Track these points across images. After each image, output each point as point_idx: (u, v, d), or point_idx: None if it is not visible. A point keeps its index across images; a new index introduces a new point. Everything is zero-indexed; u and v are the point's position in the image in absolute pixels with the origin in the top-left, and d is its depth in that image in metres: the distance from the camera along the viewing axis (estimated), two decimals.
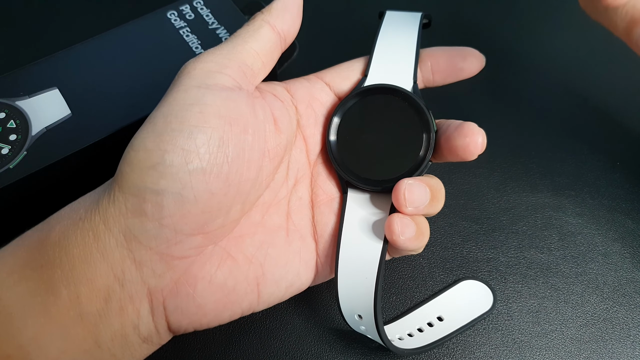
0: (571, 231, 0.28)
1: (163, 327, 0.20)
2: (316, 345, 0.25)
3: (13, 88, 0.27)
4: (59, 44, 0.30)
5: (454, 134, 0.22)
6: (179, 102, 0.20)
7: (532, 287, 0.27)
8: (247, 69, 0.22)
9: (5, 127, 0.26)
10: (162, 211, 0.19)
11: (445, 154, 0.23)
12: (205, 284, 0.20)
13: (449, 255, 0.28)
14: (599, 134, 0.32)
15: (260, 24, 0.23)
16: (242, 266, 0.21)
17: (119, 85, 0.28)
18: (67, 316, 0.18)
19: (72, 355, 0.18)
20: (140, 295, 0.19)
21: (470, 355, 0.25)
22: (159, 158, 0.19)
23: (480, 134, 0.22)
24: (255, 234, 0.22)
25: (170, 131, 0.19)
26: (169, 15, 0.31)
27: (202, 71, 0.21)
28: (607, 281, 0.27)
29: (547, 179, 0.30)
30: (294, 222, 0.24)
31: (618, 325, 0.26)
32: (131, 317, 0.19)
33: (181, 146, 0.19)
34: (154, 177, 0.19)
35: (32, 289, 0.18)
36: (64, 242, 0.19)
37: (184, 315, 0.20)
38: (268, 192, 0.23)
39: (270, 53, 0.23)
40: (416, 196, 0.21)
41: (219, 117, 0.20)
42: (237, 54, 0.22)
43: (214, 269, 0.21)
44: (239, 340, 0.25)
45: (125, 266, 0.19)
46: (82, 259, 0.19)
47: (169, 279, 0.20)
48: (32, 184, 0.25)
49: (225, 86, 0.21)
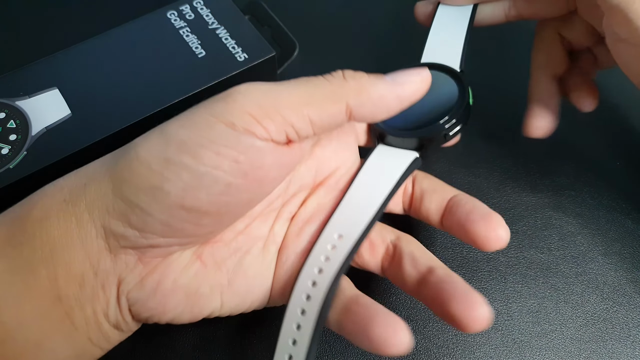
0: (571, 231, 0.28)
1: (128, 316, 0.20)
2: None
3: (13, 88, 0.27)
4: (59, 44, 0.30)
5: (479, 221, 0.21)
6: (199, 134, 0.18)
7: (532, 287, 0.27)
8: (291, 132, 0.19)
9: (5, 127, 0.26)
10: (145, 227, 0.19)
11: (456, 230, 0.22)
12: (169, 282, 0.20)
13: (449, 255, 0.28)
14: (599, 134, 0.32)
15: (340, 95, 0.20)
16: (209, 272, 0.21)
17: (119, 85, 0.28)
18: (46, 297, 0.18)
19: (52, 335, 0.19)
20: (111, 284, 0.19)
21: (470, 355, 0.25)
22: (159, 183, 0.18)
23: (506, 230, 0.21)
24: (232, 241, 0.22)
25: (179, 162, 0.18)
26: (169, 15, 0.31)
27: (240, 110, 0.18)
28: (607, 281, 0.27)
29: (547, 179, 0.30)
30: (274, 234, 0.23)
31: (618, 325, 0.26)
32: (102, 305, 0.19)
33: (184, 181, 0.18)
34: (148, 198, 0.18)
35: (13, 267, 0.18)
36: (45, 221, 0.19)
37: (144, 308, 0.20)
38: (261, 204, 0.23)
39: (327, 128, 0.20)
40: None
41: (235, 163, 0.18)
42: (290, 112, 0.19)
43: (180, 269, 0.21)
44: (239, 340, 0.25)
45: (101, 256, 0.19)
46: (62, 242, 0.19)
47: (138, 273, 0.20)
48: (32, 184, 0.25)
49: (256, 135, 0.19)
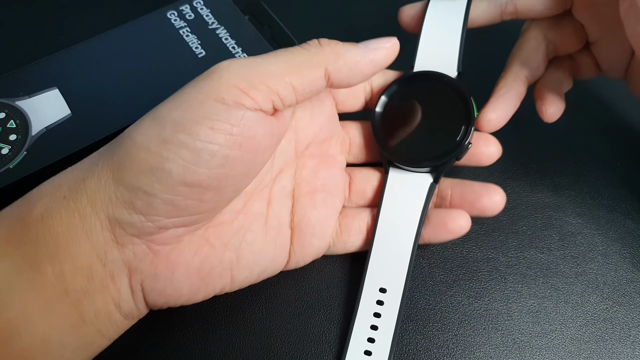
0: (571, 231, 0.28)
1: (142, 304, 0.21)
2: (316, 345, 0.25)
3: (13, 88, 0.27)
4: (59, 44, 0.30)
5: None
6: (192, 113, 0.19)
7: (532, 287, 0.27)
8: (277, 100, 0.20)
9: (5, 127, 0.26)
10: (150, 210, 0.19)
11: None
12: (183, 269, 0.21)
13: (449, 255, 0.28)
14: (599, 134, 0.32)
15: (317, 61, 0.21)
16: (218, 252, 0.22)
17: (119, 85, 0.28)
18: (52, 292, 0.19)
19: (59, 329, 0.19)
20: (121, 274, 0.20)
21: (470, 355, 0.25)
22: (159, 164, 0.19)
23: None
24: (234, 221, 0.23)
25: (176, 141, 0.19)
26: (169, 15, 0.31)
27: (227, 85, 0.19)
28: (607, 281, 0.27)
29: (547, 179, 0.30)
30: (274, 210, 0.24)
31: (618, 325, 0.26)
32: (112, 295, 0.20)
33: (183, 158, 0.19)
34: (150, 180, 0.19)
35: (17, 266, 0.18)
36: (47, 219, 0.19)
37: (161, 295, 0.21)
38: (253, 182, 0.23)
39: (308, 94, 0.21)
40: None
41: (230, 135, 0.19)
42: (273, 81, 0.20)
43: (192, 254, 0.21)
44: (240, 341, 0.25)
45: (108, 247, 0.19)
46: (67, 237, 0.19)
47: (149, 262, 0.20)
48: (32, 184, 0.25)
49: (246, 106, 0.20)
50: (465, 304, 0.26)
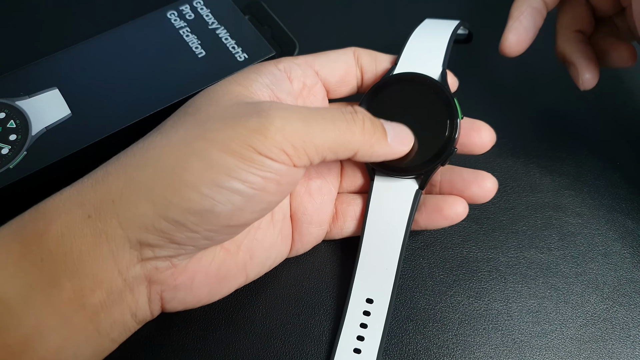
0: (571, 231, 0.28)
1: (157, 311, 0.21)
2: (316, 345, 0.25)
3: (13, 88, 0.27)
4: (59, 44, 0.30)
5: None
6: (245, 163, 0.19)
7: (532, 287, 0.27)
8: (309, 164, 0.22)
9: (5, 127, 0.26)
10: (188, 242, 0.20)
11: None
12: (202, 276, 0.22)
13: (449, 255, 0.28)
14: (599, 134, 0.32)
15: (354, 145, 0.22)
16: (233, 255, 0.23)
17: (119, 85, 0.28)
18: (69, 307, 0.19)
19: (74, 342, 0.19)
20: (140, 286, 0.20)
21: (470, 355, 0.25)
22: (210, 207, 0.19)
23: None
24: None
25: (230, 187, 0.19)
26: (169, 15, 0.31)
27: (278, 148, 0.20)
28: (607, 281, 0.27)
29: (547, 179, 0.30)
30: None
31: (618, 325, 0.26)
32: (130, 306, 0.20)
33: (234, 203, 0.19)
34: (197, 219, 0.19)
35: (32, 282, 0.18)
36: (67, 237, 0.19)
37: (180, 303, 0.22)
38: None
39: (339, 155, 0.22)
40: None
41: (278, 185, 0.20)
42: (315, 153, 0.21)
43: (209, 262, 0.22)
44: (240, 341, 0.25)
45: (131, 264, 0.19)
46: (91, 256, 0.19)
47: (170, 274, 0.21)
48: (32, 184, 0.25)
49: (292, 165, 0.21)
50: (465, 304, 0.26)
